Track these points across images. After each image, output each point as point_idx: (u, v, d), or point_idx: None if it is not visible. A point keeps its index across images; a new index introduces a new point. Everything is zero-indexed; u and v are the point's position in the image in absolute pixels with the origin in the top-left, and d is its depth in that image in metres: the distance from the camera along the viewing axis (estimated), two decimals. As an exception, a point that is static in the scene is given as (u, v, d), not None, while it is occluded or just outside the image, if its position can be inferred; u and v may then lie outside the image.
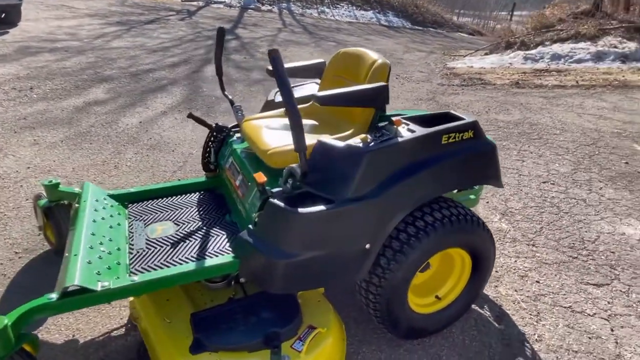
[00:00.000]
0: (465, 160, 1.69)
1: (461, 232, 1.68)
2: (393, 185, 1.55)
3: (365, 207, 1.53)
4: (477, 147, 1.71)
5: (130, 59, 6.86)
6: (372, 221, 1.56)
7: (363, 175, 1.52)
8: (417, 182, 1.59)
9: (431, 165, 1.61)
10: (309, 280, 1.59)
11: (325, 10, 16.42)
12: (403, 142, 1.57)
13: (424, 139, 1.60)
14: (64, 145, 3.67)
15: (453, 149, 1.66)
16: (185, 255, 1.69)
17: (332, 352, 1.61)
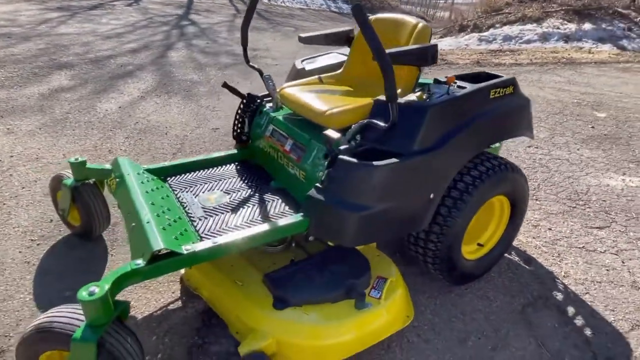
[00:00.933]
0: (508, 113, 1.83)
1: (505, 179, 1.82)
2: (453, 137, 1.65)
3: (430, 158, 1.61)
4: (516, 101, 1.86)
5: (84, 45, 6.41)
6: (436, 171, 1.66)
7: (427, 129, 1.60)
8: (472, 133, 1.70)
9: (482, 118, 1.73)
10: (380, 232, 1.65)
11: (275, -4, 16.17)
12: (460, 97, 1.67)
13: (476, 93, 1.71)
14: (44, 132, 3.41)
15: (498, 103, 1.79)
16: (250, 219, 1.69)
17: (404, 299, 1.70)
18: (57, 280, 1.93)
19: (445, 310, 1.87)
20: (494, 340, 1.73)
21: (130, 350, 1.28)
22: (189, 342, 1.64)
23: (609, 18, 8.24)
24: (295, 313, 1.51)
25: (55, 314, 1.25)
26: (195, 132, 3.66)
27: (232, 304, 1.59)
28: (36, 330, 1.22)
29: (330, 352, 1.49)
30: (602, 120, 4.33)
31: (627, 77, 6.11)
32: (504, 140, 2.12)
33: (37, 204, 2.46)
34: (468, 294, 1.96)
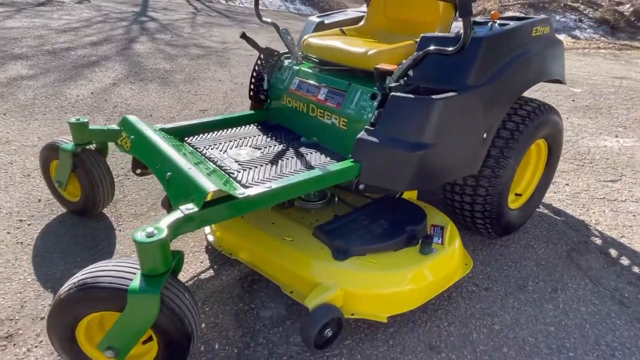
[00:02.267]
0: (548, 53, 1.79)
1: (547, 121, 1.78)
2: (504, 73, 1.58)
3: (484, 93, 1.53)
4: (552, 41, 1.83)
5: (38, 39, 5.92)
6: (489, 108, 1.57)
7: (481, 62, 1.52)
8: (520, 70, 1.64)
9: (528, 54, 1.67)
10: (436, 175, 1.54)
11: (232, -3, 15.88)
12: (510, 30, 1.60)
13: (522, 29, 1.66)
14: (10, 117, 3.04)
15: (540, 42, 1.74)
16: (294, 169, 1.53)
17: (461, 247, 1.59)
18: (61, 258, 1.67)
19: (495, 260, 1.79)
20: (552, 283, 1.67)
21: (190, 307, 1.08)
22: (233, 308, 1.45)
23: (561, 10, 8.73)
24: (359, 262, 1.36)
25: (98, 268, 1.03)
26: (182, 114, 3.41)
27: (285, 262, 1.42)
28: (77, 289, 1.00)
29: (398, 302, 1.36)
30: (579, 94, 4.51)
31: (588, 60, 6.46)
32: (543, 81, 2.08)
33: (18, 185, 2.15)
34: (512, 245, 1.89)
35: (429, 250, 1.43)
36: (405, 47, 1.65)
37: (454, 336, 1.40)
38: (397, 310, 1.36)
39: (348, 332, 1.38)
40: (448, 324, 1.45)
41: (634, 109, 4.05)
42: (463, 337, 1.40)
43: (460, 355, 1.33)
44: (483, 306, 1.53)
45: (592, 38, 8.04)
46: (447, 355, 1.33)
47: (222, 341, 1.33)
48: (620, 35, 8.39)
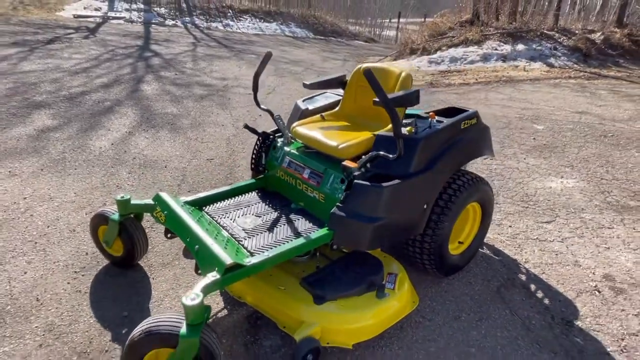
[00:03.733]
0: (475, 139, 2.38)
1: (478, 190, 2.36)
2: (438, 160, 2.16)
3: (423, 178, 2.11)
4: (479, 129, 2.41)
5: (54, 82, 6.51)
6: (428, 187, 2.15)
7: (420, 155, 2.10)
8: (452, 156, 2.22)
9: (458, 143, 2.25)
10: (389, 237, 2.11)
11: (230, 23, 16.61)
12: (443, 128, 2.19)
13: (453, 125, 2.24)
14: (47, 173, 3.61)
15: (467, 132, 2.33)
16: (285, 235, 2.09)
17: (410, 289, 2.16)
18: (112, 303, 2.22)
19: (440, 296, 2.35)
20: (479, 314, 2.23)
21: (217, 343, 1.64)
22: (243, 340, 2.00)
23: (538, 39, 9.41)
24: (332, 306, 1.92)
25: (158, 319, 1.59)
26: (192, 164, 3.98)
27: (279, 305, 1.98)
28: (145, 334, 1.56)
29: (361, 333, 1.92)
30: (540, 132, 5.11)
31: (557, 92, 7.10)
32: (472, 160, 2.67)
33: (68, 240, 2.71)
34: (455, 282, 2.46)
35: (383, 295, 2.00)
36: (368, 141, 2.23)
37: (401, 358, 1.96)
38: (360, 339, 1.92)
39: (325, 356, 1.93)
40: (398, 347, 2.00)
41: (585, 147, 4.65)
42: (408, 359, 1.95)
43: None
44: (425, 334, 2.09)
45: (566, 66, 8.70)
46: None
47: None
48: (592, 63, 9.06)
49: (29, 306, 2.16)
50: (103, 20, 13.37)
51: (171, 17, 15.45)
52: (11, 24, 10.99)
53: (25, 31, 10.32)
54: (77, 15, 13.56)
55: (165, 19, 15.14)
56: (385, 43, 19.19)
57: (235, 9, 17.66)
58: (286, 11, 18.86)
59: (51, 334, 2.01)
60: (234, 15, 17.73)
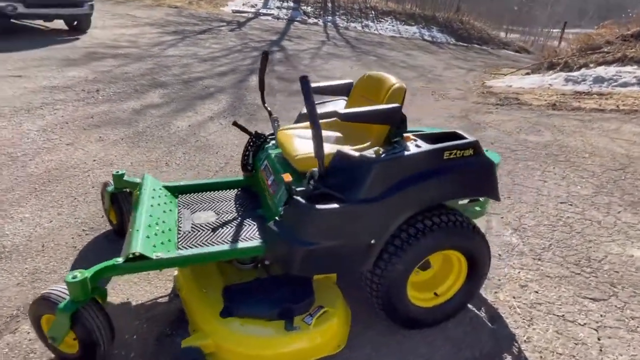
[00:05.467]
0: (464, 174, 1.94)
1: (456, 236, 1.93)
2: (398, 191, 1.83)
3: (372, 208, 1.81)
4: (476, 163, 1.96)
5: (183, 67, 7.47)
6: (377, 220, 1.85)
7: (372, 181, 1.81)
8: (419, 190, 1.86)
9: (433, 176, 1.87)
10: (322, 266, 1.89)
11: (369, 24, 16.76)
12: (408, 156, 1.85)
13: (427, 153, 1.88)
14: (124, 142, 4.19)
15: (453, 164, 1.91)
16: (221, 239, 2.04)
17: (336, 330, 1.90)
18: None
19: (387, 348, 2.01)
20: (420, 386, 1.84)
21: (100, 326, 1.70)
22: (159, 331, 2.04)
23: None
24: (234, 323, 1.81)
25: (55, 288, 1.73)
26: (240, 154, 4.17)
27: (195, 306, 1.95)
28: (42, 298, 1.71)
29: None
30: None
31: None
32: (460, 199, 2.18)
33: (96, 202, 3.11)
34: (416, 337, 2.07)
35: (291, 328, 1.80)
36: (328, 156, 2.02)
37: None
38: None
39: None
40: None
41: None
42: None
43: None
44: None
45: None
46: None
47: (140, 352, 1.93)
48: None
49: (34, 250, 2.56)
50: (254, 15, 14.82)
51: (314, 16, 16.28)
52: (181, 16, 12.99)
53: (188, 22, 12.09)
54: (235, 10, 15.29)
55: (308, 17, 16.04)
56: (540, 54, 17.01)
57: (378, 10, 17.73)
58: (430, 14, 18.19)
59: (31, 277, 2.35)
60: (375, 17, 17.83)
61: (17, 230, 2.73)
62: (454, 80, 8.70)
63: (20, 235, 2.67)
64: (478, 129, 5.48)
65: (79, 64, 6.86)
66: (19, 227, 2.76)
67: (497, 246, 2.86)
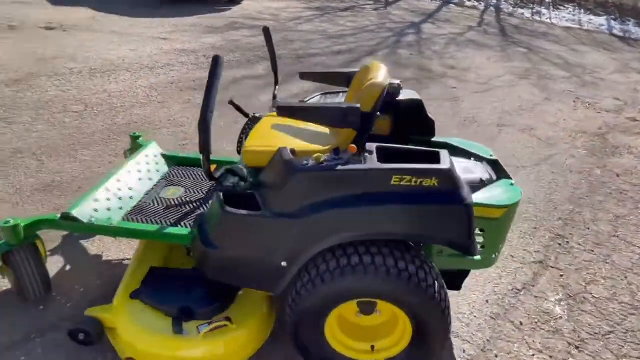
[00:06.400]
0: (420, 210, 1.45)
1: (387, 286, 1.48)
2: (321, 212, 1.48)
3: (287, 225, 1.51)
4: (439, 198, 1.45)
5: (305, 42, 7.58)
6: (291, 241, 1.54)
7: (291, 193, 1.50)
8: (350, 216, 1.47)
9: (373, 203, 1.45)
10: (232, 276, 1.68)
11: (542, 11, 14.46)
12: (342, 171, 1.46)
13: (365, 173, 1.46)
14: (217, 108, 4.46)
15: (405, 193, 1.45)
16: (165, 218, 1.98)
17: (227, 350, 1.68)
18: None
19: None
20: None
21: (30, 271, 1.83)
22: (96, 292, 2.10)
23: None
24: (136, 307, 1.75)
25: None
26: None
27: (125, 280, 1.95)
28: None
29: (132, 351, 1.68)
30: None
31: None
32: (414, 241, 1.63)
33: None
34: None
35: (179, 330, 1.65)
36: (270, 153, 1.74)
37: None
38: (127, 355, 1.69)
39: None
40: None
41: None
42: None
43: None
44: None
45: None
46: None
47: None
48: None
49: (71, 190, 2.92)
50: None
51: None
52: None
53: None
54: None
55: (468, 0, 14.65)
56: None
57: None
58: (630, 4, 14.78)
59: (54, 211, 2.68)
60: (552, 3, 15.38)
61: (72, 169, 3.15)
62: (618, 87, 6.87)
63: (70, 174, 3.08)
64: (611, 154, 4.22)
65: (216, 32, 7.55)
66: (74, 167, 3.18)
67: (526, 311, 2.17)
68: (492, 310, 2.16)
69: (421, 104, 2.19)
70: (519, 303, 2.22)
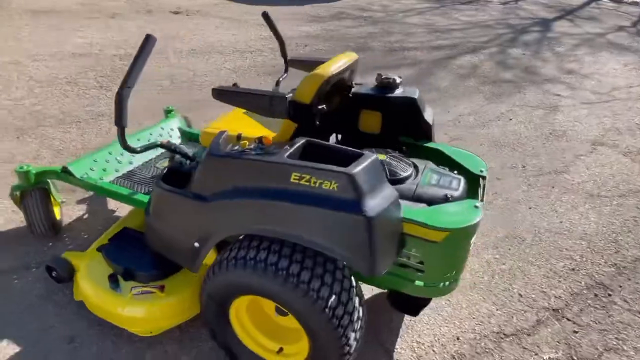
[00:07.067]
0: (318, 215, 1.32)
1: (276, 289, 1.39)
2: (226, 199, 1.46)
3: (198, 206, 1.52)
4: (338, 206, 1.29)
5: (405, 35, 7.29)
6: (202, 223, 1.55)
7: (204, 176, 1.51)
8: (250, 208, 1.42)
9: (270, 198, 1.37)
10: (161, 247, 1.77)
11: None
12: (244, 161, 1.41)
13: (268, 167, 1.38)
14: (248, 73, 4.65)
15: (302, 193, 1.33)
16: (148, 185, 2.16)
17: (149, 315, 1.77)
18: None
19: None
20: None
21: (36, 211, 2.18)
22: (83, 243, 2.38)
23: None
24: (96, 259, 1.96)
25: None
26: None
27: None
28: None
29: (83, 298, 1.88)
30: None
31: None
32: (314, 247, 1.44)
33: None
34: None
35: (114, 285, 1.80)
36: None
37: None
38: (79, 298, 1.90)
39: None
40: None
41: None
42: None
43: None
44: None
45: None
46: None
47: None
48: None
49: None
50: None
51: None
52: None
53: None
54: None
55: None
56: None
57: None
58: None
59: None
60: None
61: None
62: None
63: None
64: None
65: (318, 21, 7.73)
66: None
67: None
68: (458, 350, 1.86)
69: (415, 103, 1.97)
70: (497, 350, 1.87)
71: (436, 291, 1.59)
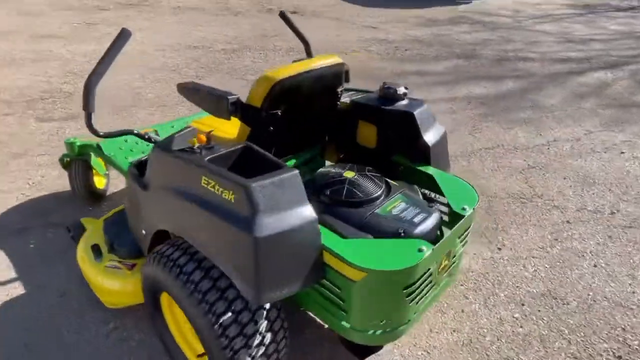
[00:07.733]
0: (212, 223, 1.24)
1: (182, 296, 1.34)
2: (158, 192, 1.48)
3: (145, 196, 1.57)
4: (230, 218, 1.19)
5: (526, 44, 6.50)
6: (146, 213, 1.59)
7: (149, 167, 1.55)
8: (171, 205, 1.42)
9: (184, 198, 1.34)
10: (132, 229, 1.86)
11: None
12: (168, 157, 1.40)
13: (185, 166, 1.34)
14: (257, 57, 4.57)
15: (207, 199, 1.26)
16: None
17: (116, 287, 1.88)
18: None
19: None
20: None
21: (76, 176, 2.52)
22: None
23: None
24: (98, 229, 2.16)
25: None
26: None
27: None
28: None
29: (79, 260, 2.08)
30: None
31: None
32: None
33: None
34: None
35: (97, 257, 1.96)
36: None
37: None
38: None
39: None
40: None
41: None
42: None
43: None
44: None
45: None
46: None
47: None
48: None
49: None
50: None
51: None
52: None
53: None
54: None
55: None
56: None
57: None
58: None
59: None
60: None
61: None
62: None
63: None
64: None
65: (431, 25, 7.35)
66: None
67: None
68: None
69: (412, 118, 1.73)
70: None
71: (365, 337, 1.36)
